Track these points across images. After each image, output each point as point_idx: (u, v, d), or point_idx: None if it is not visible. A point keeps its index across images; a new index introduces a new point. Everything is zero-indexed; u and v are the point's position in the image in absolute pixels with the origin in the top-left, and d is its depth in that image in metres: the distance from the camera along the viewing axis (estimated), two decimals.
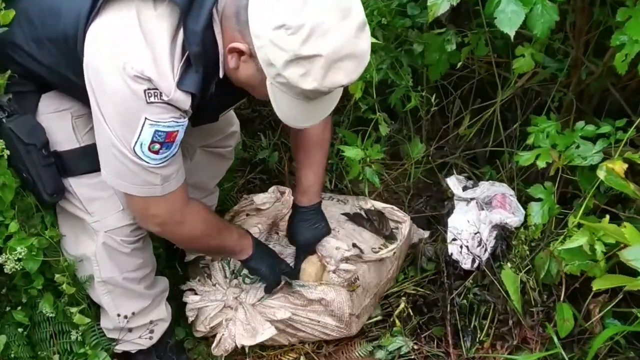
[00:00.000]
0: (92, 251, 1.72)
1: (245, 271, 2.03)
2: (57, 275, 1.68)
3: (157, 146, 1.45)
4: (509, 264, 1.93)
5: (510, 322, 1.90)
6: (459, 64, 2.28)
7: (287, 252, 2.11)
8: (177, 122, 1.46)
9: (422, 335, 2.05)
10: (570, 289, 1.87)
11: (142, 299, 1.84)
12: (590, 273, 1.74)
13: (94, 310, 1.86)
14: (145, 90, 1.38)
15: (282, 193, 2.31)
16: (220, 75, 1.47)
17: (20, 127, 1.57)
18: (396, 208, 2.26)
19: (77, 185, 1.68)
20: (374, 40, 1.94)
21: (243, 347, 1.94)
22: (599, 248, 1.66)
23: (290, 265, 2.03)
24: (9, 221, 1.58)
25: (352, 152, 2.13)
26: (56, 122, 1.65)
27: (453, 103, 2.63)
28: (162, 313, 1.91)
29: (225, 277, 2.05)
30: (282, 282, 1.95)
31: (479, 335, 1.97)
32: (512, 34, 1.67)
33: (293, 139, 2.02)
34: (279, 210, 2.26)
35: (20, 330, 1.74)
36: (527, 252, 1.95)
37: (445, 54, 2.25)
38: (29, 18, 1.53)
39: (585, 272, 1.76)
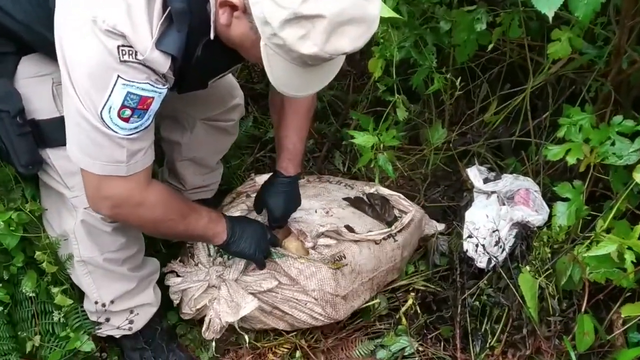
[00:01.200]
0: (71, 228, 1.61)
1: None
2: (37, 253, 1.58)
3: (128, 112, 1.32)
4: (527, 267, 1.78)
5: (525, 330, 1.77)
6: (490, 46, 2.10)
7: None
8: (154, 86, 1.33)
9: (429, 336, 1.92)
10: (592, 299, 1.72)
11: (126, 281, 1.72)
12: (617, 283, 1.60)
13: (78, 290, 1.76)
14: (119, 47, 1.25)
15: None
16: (211, 37, 1.34)
17: None
18: (403, 197, 2.14)
19: (56, 157, 1.56)
20: (397, 16, 1.79)
21: (237, 337, 1.83)
22: (629, 257, 1.51)
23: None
24: None
25: (363, 139, 1.98)
26: (35, 87, 1.53)
27: (480, 87, 2.46)
28: (149, 297, 1.81)
29: (209, 255, 1.93)
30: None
31: (489, 341, 1.84)
32: (550, 15, 1.49)
33: (278, 99, 1.84)
34: None
35: (0, 308, 1.65)
36: (549, 255, 1.80)
37: (474, 34, 2.08)
38: None
39: (612, 281, 1.61)
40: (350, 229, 1.96)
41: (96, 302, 1.70)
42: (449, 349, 1.89)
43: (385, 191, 2.12)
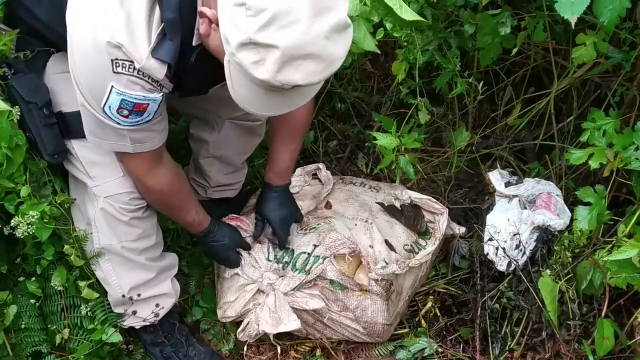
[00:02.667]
0: (92, 216, 1.69)
1: (286, 258, 1.94)
2: (66, 247, 1.64)
3: (126, 112, 1.42)
4: (548, 271, 1.79)
5: (544, 333, 1.77)
6: (514, 50, 2.10)
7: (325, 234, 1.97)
8: (147, 96, 1.41)
9: (448, 338, 1.93)
10: (614, 303, 1.72)
11: (145, 271, 1.80)
12: (639, 288, 1.59)
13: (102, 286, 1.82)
14: (112, 60, 1.33)
15: (314, 174, 2.21)
16: (194, 43, 1.40)
17: (23, 85, 1.55)
18: (433, 199, 2.13)
19: (80, 147, 1.65)
20: (421, 19, 1.80)
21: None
22: None
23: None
24: (20, 187, 1.54)
25: (385, 141, 1.99)
26: (62, 83, 1.62)
27: (504, 90, 2.45)
28: (168, 288, 1.87)
29: (268, 259, 1.95)
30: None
31: (509, 343, 1.85)
32: (573, 20, 1.49)
33: (274, 120, 1.89)
34: (317, 192, 2.15)
35: (32, 301, 1.72)
36: (570, 259, 1.80)
37: (498, 37, 2.08)
38: None
39: (633, 286, 1.61)
40: (390, 245, 1.97)
41: (122, 295, 1.78)
42: (468, 351, 1.90)
43: (415, 194, 2.13)
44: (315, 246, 1.92)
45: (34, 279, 1.72)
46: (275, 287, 1.88)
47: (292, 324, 1.82)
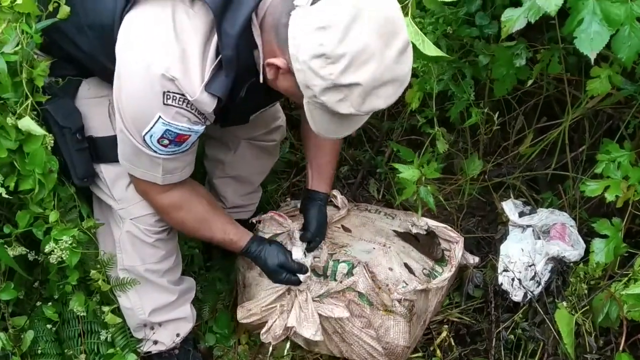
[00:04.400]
0: (117, 238, 1.73)
1: (312, 261, 1.93)
2: (93, 272, 1.65)
3: (166, 142, 1.47)
4: (564, 303, 1.79)
5: None
6: (529, 82, 2.12)
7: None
8: (191, 128, 1.46)
9: None
10: (631, 337, 1.72)
11: (167, 293, 1.82)
12: None
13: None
14: (164, 92, 1.38)
15: (331, 197, 2.22)
16: (260, 81, 1.45)
17: (58, 110, 1.58)
18: (449, 227, 2.14)
19: (108, 171, 1.68)
20: (444, 55, 1.82)
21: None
22: None
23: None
24: (48, 212, 1.55)
25: (408, 173, 2.00)
26: (94, 107, 1.65)
27: (515, 119, 2.47)
28: (187, 312, 1.89)
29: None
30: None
31: None
32: (592, 56, 1.52)
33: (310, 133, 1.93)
34: (330, 215, 2.13)
35: (49, 326, 1.72)
36: (585, 291, 1.80)
37: (513, 69, 2.10)
38: (71, 5, 1.50)
39: None
40: (409, 268, 1.97)
41: (144, 320, 1.80)
42: None
43: (431, 222, 2.14)
44: (331, 254, 1.96)
45: (50, 303, 1.72)
46: (305, 291, 1.89)
47: (315, 334, 1.84)
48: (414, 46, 1.73)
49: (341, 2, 1.24)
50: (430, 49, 1.63)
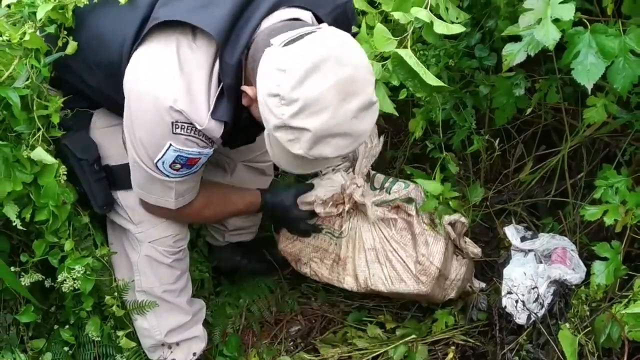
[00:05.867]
0: (135, 261, 1.78)
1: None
2: (107, 297, 1.70)
3: (178, 166, 1.54)
4: (567, 324, 1.83)
5: None
6: (528, 111, 2.21)
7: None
8: (201, 152, 1.54)
9: None
10: (633, 356, 1.76)
11: (183, 314, 1.88)
12: None
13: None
14: (173, 122, 1.45)
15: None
16: (244, 104, 1.52)
17: (75, 143, 1.66)
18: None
19: (125, 197, 1.75)
20: (444, 85, 1.90)
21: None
22: None
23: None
24: (64, 241, 1.61)
25: (432, 187, 2.04)
26: (107, 137, 1.73)
27: (515, 147, 2.55)
28: (199, 331, 1.95)
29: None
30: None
31: None
32: (589, 86, 1.60)
33: None
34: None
35: (65, 349, 1.76)
36: (587, 313, 1.85)
37: (513, 98, 2.19)
38: (78, 42, 1.58)
39: None
40: None
41: (160, 341, 1.86)
42: None
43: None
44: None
45: (67, 327, 1.77)
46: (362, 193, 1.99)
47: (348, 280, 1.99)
48: (418, 78, 1.82)
49: (308, 51, 1.30)
50: (431, 79, 1.70)
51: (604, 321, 1.77)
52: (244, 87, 1.44)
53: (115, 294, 1.74)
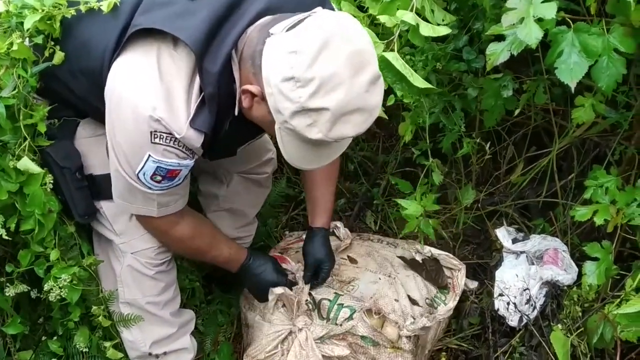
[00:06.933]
0: (118, 272, 1.77)
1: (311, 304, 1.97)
2: (94, 307, 1.68)
3: (159, 178, 1.52)
4: (559, 325, 1.82)
5: None
6: (517, 112, 2.20)
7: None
8: (180, 163, 1.52)
9: None
10: (626, 357, 1.75)
11: (167, 326, 1.85)
12: None
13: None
14: (151, 132, 1.44)
15: (334, 229, 2.27)
16: (236, 113, 1.51)
17: (58, 151, 1.64)
18: (451, 255, 2.20)
19: (108, 207, 1.73)
20: (432, 87, 1.90)
21: None
22: None
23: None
24: (49, 250, 1.59)
25: (412, 209, 2.05)
26: (92, 146, 1.72)
27: (506, 149, 2.55)
28: (187, 343, 1.91)
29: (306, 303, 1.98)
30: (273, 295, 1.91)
31: None
32: (573, 85, 1.60)
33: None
34: (336, 246, 2.19)
35: None
36: (579, 314, 1.84)
37: (501, 99, 2.18)
38: (65, 51, 1.57)
39: None
40: (412, 300, 2.00)
41: (146, 353, 1.83)
42: None
43: (435, 250, 2.18)
44: (338, 294, 1.97)
45: (55, 338, 1.75)
46: (308, 328, 1.91)
47: None
48: (405, 81, 1.82)
49: (313, 30, 1.30)
50: (419, 82, 1.69)
51: (596, 322, 1.76)
52: (247, 86, 1.40)
53: (102, 304, 1.72)
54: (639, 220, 1.76)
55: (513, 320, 1.96)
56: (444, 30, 1.74)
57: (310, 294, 1.98)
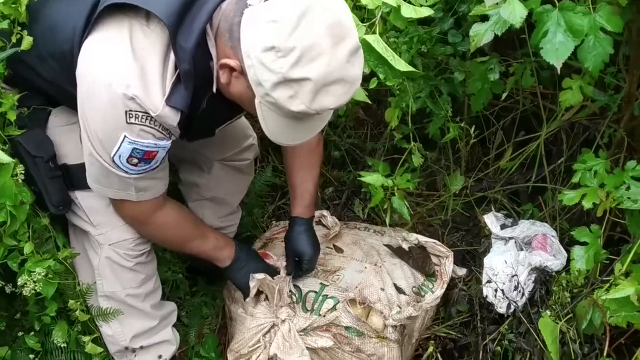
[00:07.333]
0: (96, 264, 1.72)
1: (296, 295, 1.93)
2: (70, 302, 1.64)
3: (135, 160, 1.48)
4: (548, 312, 1.79)
5: None
6: (504, 95, 2.16)
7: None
8: (157, 144, 1.47)
9: None
10: (615, 342, 1.72)
11: (148, 319, 1.81)
12: (639, 326, 1.60)
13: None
14: (126, 112, 1.39)
15: (317, 222, 2.23)
16: (214, 91, 1.46)
17: (29, 140, 1.60)
18: (438, 243, 2.16)
19: (83, 197, 1.69)
20: (414, 70, 1.86)
21: None
22: None
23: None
24: (23, 244, 1.55)
25: (371, 178, 2.01)
26: (65, 135, 1.67)
27: (494, 134, 2.51)
28: (169, 335, 1.88)
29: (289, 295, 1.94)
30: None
31: None
32: (558, 65, 1.55)
33: (289, 149, 1.96)
34: (324, 234, 2.16)
35: (31, 356, 1.70)
36: (568, 299, 1.80)
37: (488, 83, 2.15)
38: (32, 36, 1.52)
39: (633, 325, 1.61)
40: (398, 288, 1.97)
41: (125, 346, 1.78)
42: None
43: (421, 238, 2.15)
44: (324, 285, 1.93)
45: (32, 333, 1.71)
46: (291, 320, 1.87)
47: (303, 358, 1.81)
48: (387, 64, 1.78)
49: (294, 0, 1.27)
50: (401, 65, 1.65)
51: (585, 307, 1.73)
52: (225, 60, 1.36)
53: (79, 297, 1.67)
54: (628, 204, 1.72)
55: (501, 307, 1.93)
56: (426, 12, 1.70)
57: (297, 286, 1.94)
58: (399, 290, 1.95)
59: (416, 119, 2.31)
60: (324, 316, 1.86)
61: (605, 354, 1.68)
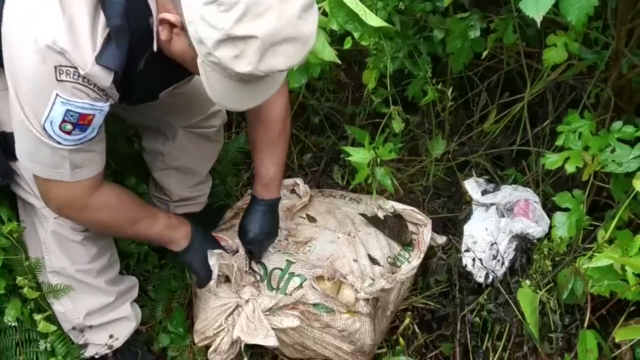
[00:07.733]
0: (42, 238, 1.62)
1: (261, 272, 1.85)
2: (19, 278, 1.55)
3: (69, 126, 1.34)
4: (527, 281, 1.71)
5: (526, 347, 1.69)
6: (485, 53, 2.05)
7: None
8: (93, 105, 1.34)
9: (428, 355, 1.86)
10: (597, 312, 1.65)
11: (103, 295, 1.72)
12: (622, 296, 1.52)
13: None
14: (56, 67, 1.26)
15: (291, 189, 2.14)
16: (154, 49, 1.34)
17: None
18: (416, 210, 2.06)
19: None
20: (388, 25, 1.75)
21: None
22: (630, 270, 1.45)
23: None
24: None
25: (358, 156, 1.91)
26: (3, 100, 1.50)
27: (478, 96, 2.40)
28: (127, 311, 1.79)
29: (247, 271, 1.85)
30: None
31: (491, 358, 1.76)
32: (539, 19, 1.43)
33: (250, 125, 1.84)
34: (292, 204, 2.07)
35: None
36: (550, 268, 1.73)
37: (468, 41, 2.03)
38: None
39: (616, 294, 1.54)
40: (373, 259, 1.88)
41: (75, 325, 1.69)
42: None
43: (398, 206, 2.05)
44: (290, 262, 1.84)
45: None
46: (255, 301, 1.78)
47: (269, 339, 1.73)
48: (358, 19, 1.67)
49: None
50: (373, 20, 1.55)
51: (566, 276, 1.65)
52: (164, 14, 1.25)
53: (28, 274, 1.58)
54: (613, 167, 1.63)
55: (480, 277, 1.85)
56: None
57: (262, 263, 1.86)
58: (373, 261, 1.87)
59: (396, 81, 2.20)
60: (290, 294, 1.77)
61: (586, 325, 1.61)
